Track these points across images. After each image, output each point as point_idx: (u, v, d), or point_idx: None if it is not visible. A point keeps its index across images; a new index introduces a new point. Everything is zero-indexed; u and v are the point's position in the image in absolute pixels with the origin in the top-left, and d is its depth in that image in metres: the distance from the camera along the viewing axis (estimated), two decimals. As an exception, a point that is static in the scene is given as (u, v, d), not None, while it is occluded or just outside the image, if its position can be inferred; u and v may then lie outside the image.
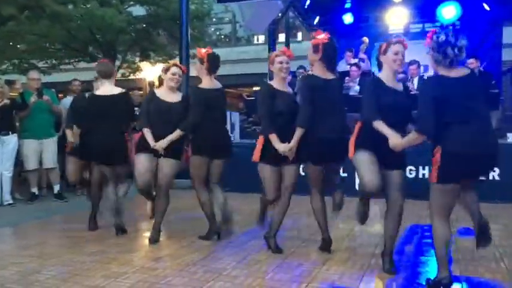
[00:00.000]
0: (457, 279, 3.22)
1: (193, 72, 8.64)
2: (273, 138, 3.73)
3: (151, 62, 13.92)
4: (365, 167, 3.26)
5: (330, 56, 3.73)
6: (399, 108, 3.29)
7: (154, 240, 4.23)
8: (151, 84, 14.11)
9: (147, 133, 4.21)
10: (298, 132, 3.67)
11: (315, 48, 3.71)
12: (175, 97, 4.31)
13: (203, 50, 4.32)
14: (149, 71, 14.53)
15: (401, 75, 9.37)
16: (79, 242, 4.36)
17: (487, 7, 10.37)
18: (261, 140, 3.85)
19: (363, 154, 3.28)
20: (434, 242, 2.98)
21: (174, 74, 4.27)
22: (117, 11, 11.44)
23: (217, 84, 4.37)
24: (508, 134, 6.79)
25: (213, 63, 4.28)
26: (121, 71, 13.73)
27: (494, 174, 6.24)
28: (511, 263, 3.59)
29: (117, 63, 13.72)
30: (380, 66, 3.54)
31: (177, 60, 3.91)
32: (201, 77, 4.35)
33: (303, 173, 4.54)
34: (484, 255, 3.77)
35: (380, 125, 3.18)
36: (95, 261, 3.72)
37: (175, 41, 12.02)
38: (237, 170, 5.53)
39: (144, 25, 13.23)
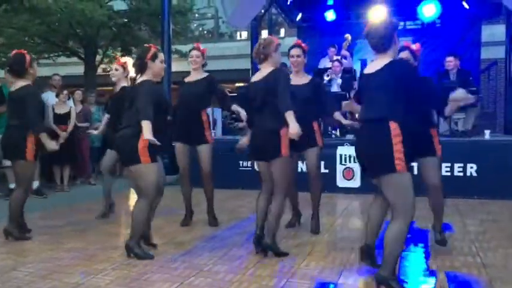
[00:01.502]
0: (434, 274, 3.28)
1: (174, 68, 8.67)
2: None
3: (133, 57, 13.76)
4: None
5: None
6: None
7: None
8: (133, 80, 13.96)
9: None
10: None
11: None
12: None
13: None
14: (130, 66, 14.36)
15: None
16: (58, 238, 4.31)
17: (466, 5, 10.53)
18: (284, 132, 3.56)
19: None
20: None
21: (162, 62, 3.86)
22: (98, 5, 11.26)
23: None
24: (486, 131, 6.92)
25: None
26: (102, 65, 13.56)
27: (472, 170, 6.35)
28: (486, 258, 3.66)
29: (98, 58, 13.56)
30: None
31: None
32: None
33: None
34: (461, 250, 3.85)
35: None
36: (74, 258, 3.68)
37: (157, 36, 11.91)
38: (219, 166, 5.51)
39: (126, 20, 13.08)
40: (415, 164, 4.18)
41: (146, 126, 3.45)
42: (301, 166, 6.77)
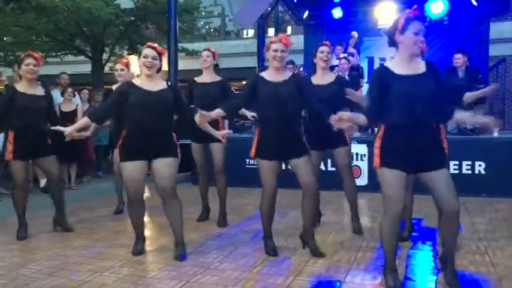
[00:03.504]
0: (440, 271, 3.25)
1: (181, 66, 8.67)
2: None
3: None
4: None
5: None
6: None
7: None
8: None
9: None
10: None
11: None
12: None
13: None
14: (137, 65, 14.39)
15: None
16: (66, 236, 4.33)
17: (474, 2, 10.43)
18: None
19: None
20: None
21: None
22: (105, 4, 11.28)
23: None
24: (494, 129, 6.85)
25: None
26: (109, 64, 13.58)
27: (480, 168, 6.30)
28: (495, 256, 3.63)
29: (105, 56, 13.58)
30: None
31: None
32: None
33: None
34: (469, 248, 3.82)
35: None
36: (81, 256, 3.70)
37: (163, 34, 11.92)
38: (231, 164, 5.49)
39: (132, 18, 13.10)
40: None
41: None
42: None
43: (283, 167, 3.73)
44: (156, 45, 3.67)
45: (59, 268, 3.40)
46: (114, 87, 5.02)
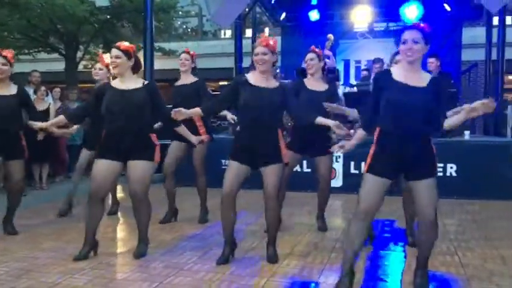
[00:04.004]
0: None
1: (158, 65, 8.58)
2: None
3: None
4: None
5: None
6: None
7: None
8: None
9: None
10: None
11: None
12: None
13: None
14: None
15: (364, 73, 9.55)
16: (36, 237, 4.23)
17: (448, 7, 10.67)
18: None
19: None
20: None
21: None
22: (79, 1, 11.13)
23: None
24: (465, 132, 7.01)
25: None
26: (83, 62, 13.38)
27: (452, 170, 6.43)
28: (465, 257, 3.70)
29: (79, 54, 13.37)
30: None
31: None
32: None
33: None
34: (440, 249, 3.88)
35: None
36: (51, 258, 3.62)
37: (139, 33, 11.80)
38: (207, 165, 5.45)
39: (108, 16, 12.94)
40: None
41: None
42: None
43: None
44: (123, 43, 3.59)
45: (28, 270, 3.32)
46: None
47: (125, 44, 3.58)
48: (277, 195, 3.52)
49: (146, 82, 3.70)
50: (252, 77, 3.52)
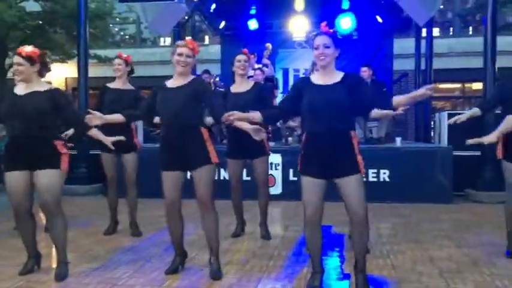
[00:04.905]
0: (348, 276, 3.39)
1: (94, 73, 8.34)
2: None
3: (48, 61, 13.06)
4: None
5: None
6: None
7: None
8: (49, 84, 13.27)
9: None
10: None
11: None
12: None
13: None
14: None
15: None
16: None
17: (380, 19, 11.13)
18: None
19: None
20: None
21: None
22: (8, 5, 10.60)
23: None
24: (397, 138, 7.32)
25: None
26: (12, 70, 12.72)
27: (385, 176, 6.68)
28: (396, 260, 3.85)
29: (8, 61, 12.70)
30: None
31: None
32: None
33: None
34: (373, 252, 4.01)
35: None
36: (-27, 278, 3.39)
37: (74, 39, 11.42)
38: (139, 175, 5.33)
39: (40, 22, 12.40)
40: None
41: None
42: (223, 175, 6.78)
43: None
44: (24, 49, 3.39)
45: None
46: None
47: (27, 50, 3.38)
48: (212, 202, 3.40)
49: (51, 87, 3.47)
50: (170, 81, 3.50)
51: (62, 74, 15.69)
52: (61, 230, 3.42)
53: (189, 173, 3.41)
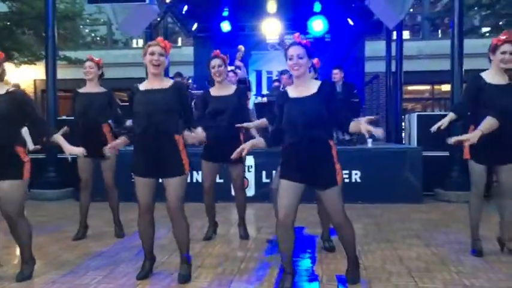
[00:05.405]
0: (317, 278, 3.41)
1: (63, 75, 8.17)
2: None
3: (16, 63, 12.76)
4: None
5: None
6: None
7: None
8: (17, 87, 12.96)
9: None
10: None
11: None
12: None
13: None
14: (14, 73, 13.32)
15: (276, 83, 9.78)
16: None
17: (351, 22, 11.28)
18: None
19: None
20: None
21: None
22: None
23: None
24: (368, 140, 7.41)
25: None
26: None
27: (356, 177, 6.76)
28: (366, 260, 3.89)
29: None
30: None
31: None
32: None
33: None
34: (345, 254, 4.03)
35: None
36: None
37: (42, 40, 11.19)
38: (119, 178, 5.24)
39: (7, 23, 12.11)
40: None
41: None
42: (197, 177, 6.75)
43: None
44: None
45: None
46: None
47: None
48: (182, 211, 3.36)
49: (11, 89, 3.32)
50: (143, 83, 3.43)
51: (30, 76, 15.35)
52: (24, 235, 3.37)
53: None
